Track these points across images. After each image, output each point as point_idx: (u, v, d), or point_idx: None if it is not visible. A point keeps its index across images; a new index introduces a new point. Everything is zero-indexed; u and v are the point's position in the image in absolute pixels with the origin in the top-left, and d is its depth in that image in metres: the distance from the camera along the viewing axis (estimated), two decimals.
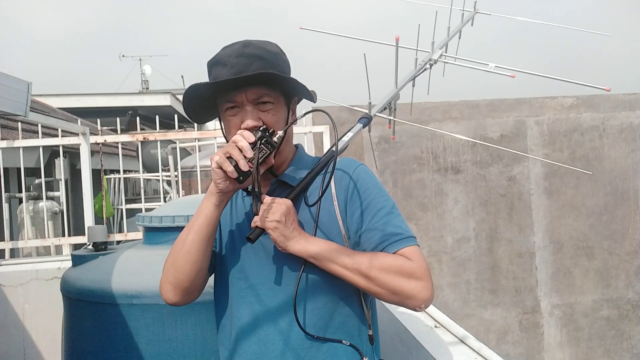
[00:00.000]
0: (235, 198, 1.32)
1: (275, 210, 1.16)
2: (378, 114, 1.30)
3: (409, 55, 1.36)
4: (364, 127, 1.30)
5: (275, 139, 1.18)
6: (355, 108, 1.41)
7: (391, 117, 1.31)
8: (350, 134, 1.30)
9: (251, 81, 1.18)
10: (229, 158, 1.13)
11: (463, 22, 1.62)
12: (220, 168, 1.14)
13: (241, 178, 1.14)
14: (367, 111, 1.30)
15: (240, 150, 1.13)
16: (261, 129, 1.18)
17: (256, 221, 1.17)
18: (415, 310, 1.18)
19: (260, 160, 1.15)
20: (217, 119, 1.32)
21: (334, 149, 1.21)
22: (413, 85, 1.34)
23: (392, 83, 1.37)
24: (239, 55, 1.20)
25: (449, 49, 1.54)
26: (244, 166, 1.13)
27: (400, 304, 1.17)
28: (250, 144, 1.14)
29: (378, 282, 1.13)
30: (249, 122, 1.19)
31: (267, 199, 1.19)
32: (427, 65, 1.46)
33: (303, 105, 1.34)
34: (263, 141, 1.16)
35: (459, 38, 1.58)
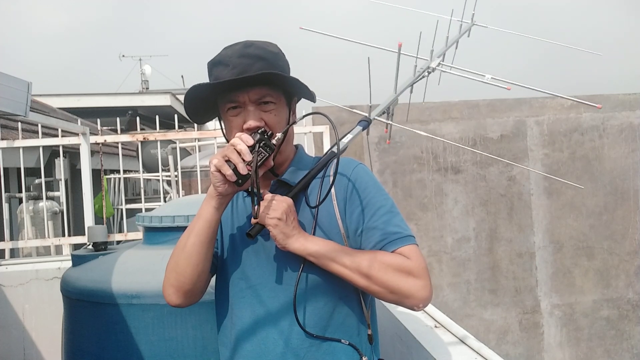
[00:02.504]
0: (236, 199, 1.32)
1: (276, 207, 1.16)
2: (377, 118, 1.30)
3: (407, 61, 1.37)
4: (363, 129, 1.31)
5: (273, 141, 1.18)
6: (354, 111, 1.41)
7: (389, 122, 1.32)
8: (349, 136, 1.31)
9: (254, 81, 1.18)
10: (228, 161, 1.13)
11: (460, 33, 1.63)
12: (219, 171, 1.14)
13: (240, 181, 1.14)
14: (366, 114, 1.31)
15: (239, 154, 1.13)
16: (259, 131, 1.17)
17: (257, 217, 1.17)
18: (413, 309, 1.18)
19: (259, 163, 1.15)
20: (218, 119, 1.32)
21: (333, 150, 1.21)
22: (411, 92, 1.35)
23: (389, 87, 1.37)
24: (240, 56, 1.20)
25: (447, 57, 1.55)
26: (243, 170, 1.12)
27: (399, 302, 1.18)
28: (248, 147, 1.14)
29: (376, 281, 1.14)
30: (251, 123, 1.19)
31: (268, 195, 1.19)
32: (425, 73, 1.47)
33: (302, 105, 1.34)
34: (262, 144, 1.15)
35: (456, 48, 1.59)
